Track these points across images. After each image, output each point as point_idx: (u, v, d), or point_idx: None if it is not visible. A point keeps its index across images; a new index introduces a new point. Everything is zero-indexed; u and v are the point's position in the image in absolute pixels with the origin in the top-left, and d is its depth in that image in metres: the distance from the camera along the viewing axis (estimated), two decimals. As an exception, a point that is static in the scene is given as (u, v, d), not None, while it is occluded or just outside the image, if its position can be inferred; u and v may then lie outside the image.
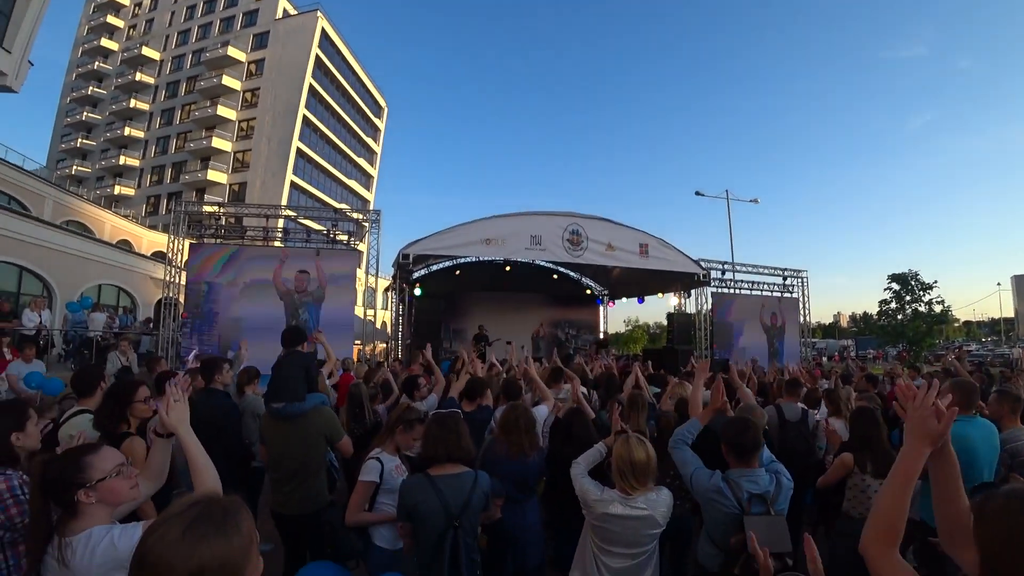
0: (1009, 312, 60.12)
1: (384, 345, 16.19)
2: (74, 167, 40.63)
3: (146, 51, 40.97)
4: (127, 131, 39.94)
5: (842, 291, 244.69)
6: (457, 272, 17.31)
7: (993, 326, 64.85)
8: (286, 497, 3.31)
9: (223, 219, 12.40)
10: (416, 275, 15.94)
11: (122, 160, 39.63)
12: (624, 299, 20.96)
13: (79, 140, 41.34)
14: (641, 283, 17.85)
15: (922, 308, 25.43)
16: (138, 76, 40.49)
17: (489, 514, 2.76)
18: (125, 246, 24.12)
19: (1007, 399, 3.49)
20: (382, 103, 52.11)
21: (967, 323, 69.15)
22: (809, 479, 3.74)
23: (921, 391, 1.40)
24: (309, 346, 4.57)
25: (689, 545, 3.50)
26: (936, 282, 25.17)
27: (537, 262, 16.49)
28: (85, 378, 3.28)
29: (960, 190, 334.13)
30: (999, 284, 51.97)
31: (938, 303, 25.17)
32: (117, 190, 39.01)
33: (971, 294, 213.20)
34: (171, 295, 11.56)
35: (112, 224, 25.80)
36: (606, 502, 2.48)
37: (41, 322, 10.98)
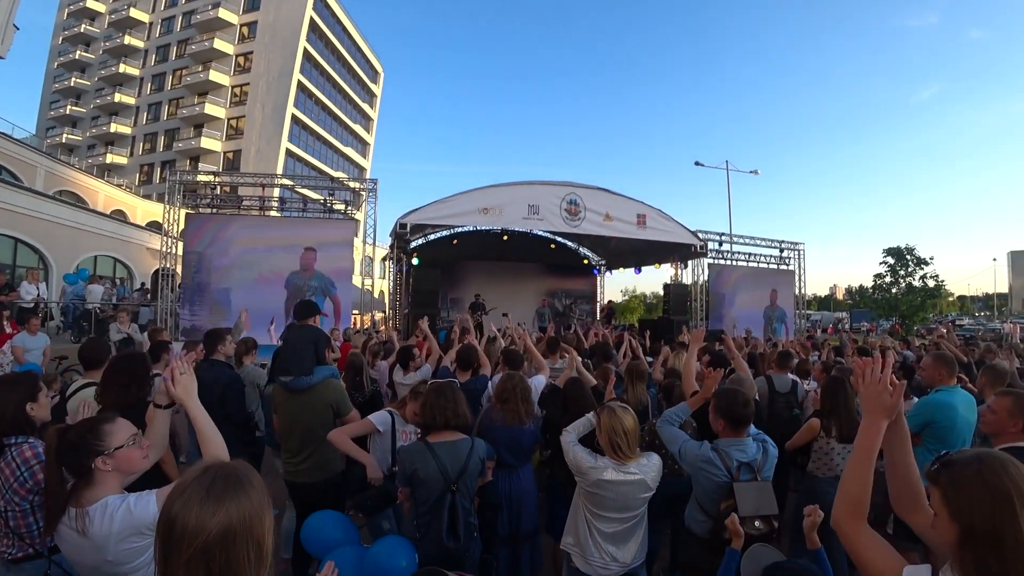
0: (1004, 287, 60.26)
1: (382, 315, 16.28)
2: (64, 135, 39.81)
3: (134, 12, 39.56)
4: (117, 97, 38.98)
5: (840, 263, 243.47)
6: (455, 241, 17.31)
7: (987, 301, 65.11)
8: (297, 467, 3.38)
9: (218, 188, 12.30)
10: (414, 244, 15.93)
11: (113, 128, 38.77)
12: (621, 269, 20.99)
13: (68, 107, 40.30)
14: (638, 253, 17.88)
15: (916, 282, 25.76)
16: (126, 39, 39.24)
17: (483, 477, 2.86)
18: (119, 216, 23.96)
19: (990, 373, 3.62)
20: (379, 68, 50.99)
21: (961, 297, 69.40)
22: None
23: (870, 367, 1.43)
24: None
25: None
26: (932, 258, 25.55)
27: (535, 232, 16.45)
28: (93, 350, 3.32)
29: (961, 164, 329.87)
30: (995, 259, 51.88)
31: (932, 278, 25.50)
32: (109, 159, 38.28)
33: (967, 268, 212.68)
34: (168, 266, 11.55)
35: (106, 194, 25.57)
36: (600, 469, 2.55)
37: (39, 294, 11.01)
